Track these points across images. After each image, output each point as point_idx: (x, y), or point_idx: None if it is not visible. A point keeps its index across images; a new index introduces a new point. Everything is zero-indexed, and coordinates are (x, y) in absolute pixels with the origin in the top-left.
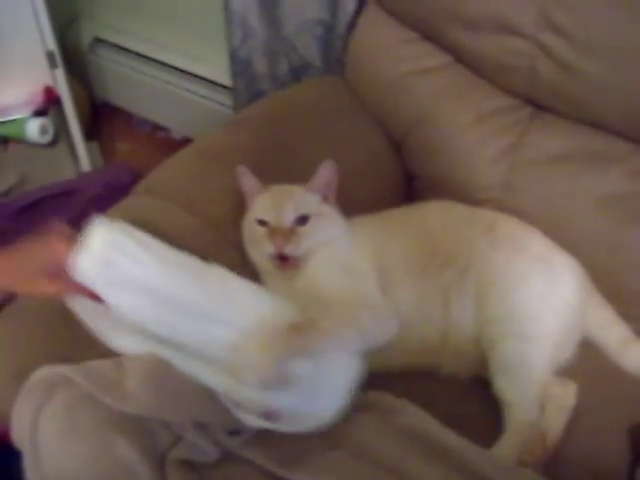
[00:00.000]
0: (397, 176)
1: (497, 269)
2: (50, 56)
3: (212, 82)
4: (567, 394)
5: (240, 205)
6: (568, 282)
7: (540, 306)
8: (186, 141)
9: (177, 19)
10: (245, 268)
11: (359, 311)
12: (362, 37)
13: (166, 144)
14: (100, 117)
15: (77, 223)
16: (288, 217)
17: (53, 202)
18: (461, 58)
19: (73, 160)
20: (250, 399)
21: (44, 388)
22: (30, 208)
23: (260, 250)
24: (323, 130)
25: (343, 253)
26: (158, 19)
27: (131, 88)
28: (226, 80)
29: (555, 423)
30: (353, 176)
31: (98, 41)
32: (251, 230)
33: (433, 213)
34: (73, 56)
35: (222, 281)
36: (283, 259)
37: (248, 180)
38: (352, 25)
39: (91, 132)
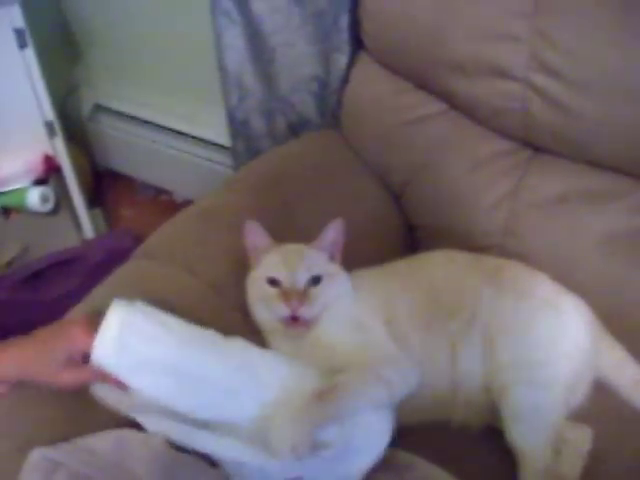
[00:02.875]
0: (398, 228)
1: (504, 316)
2: (49, 126)
3: (212, 143)
4: (582, 438)
5: (241, 266)
6: (577, 325)
7: (550, 351)
8: (188, 203)
9: (176, 83)
10: (246, 329)
11: (381, 365)
12: (356, 90)
13: (169, 207)
14: (102, 184)
15: (81, 291)
16: (302, 277)
17: (56, 271)
18: (455, 105)
19: (76, 228)
20: (275, 468)
21: (48, 465)
22: (32, 278)
23: (269, 311)
24: (322, 185)
25: (351, 309)
26: (157, 84)
27: (132, 153)
28: (226, 141)
29: (571, 469)
30: (355, 231)
31: (98, 108)
32: (260, 290)
33: (436, 263)
34: (73, 123)
35: (242, 354)
36: (295, 319)
37: (258, 235)
38: (345, 79)
39: (94, 199)
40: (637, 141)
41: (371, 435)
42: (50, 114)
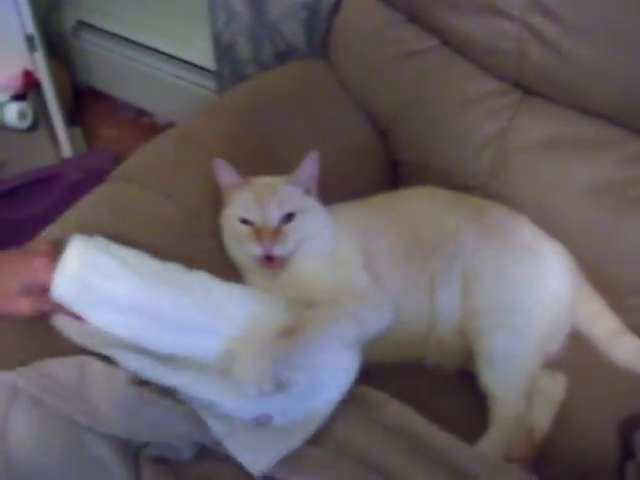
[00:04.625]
0: (382, 162)
1: (484, 258)
2: (29, 39)
3: (197, 66)
4: (556, 388)
5: (219, 193)
6: (557, 272)
7: (529, 297)
8: (170, 126)
9: (162, 1)
10: (222, 258)
11: (352, 303)
12: (346, 19)
13: (150, 129)
14: (83, 102)
15: (57, 210)
16: (274, 216)
17: (32, 189)
18: (448, 41)
19: (54, 146)
20: (242, 405)
21: (8, 391)
22: (8, 195)
23: (244, 249)
24: (305, 116)
25: (328, 245)
26: (143, 2)
27: (115, 72)
28: (211, 64)
29: (543, 418)
30: (336, 163)
31: (81, 24)
32: (233, 228)
33: (418, 199)
34: (56, 40)
35: (206, 288)
36: (269, 259)
37: (227, 173)
38: (336, 7)
39: (74, 117)
40: (632, 90)
41: (338, 371)
42: (31, 28)
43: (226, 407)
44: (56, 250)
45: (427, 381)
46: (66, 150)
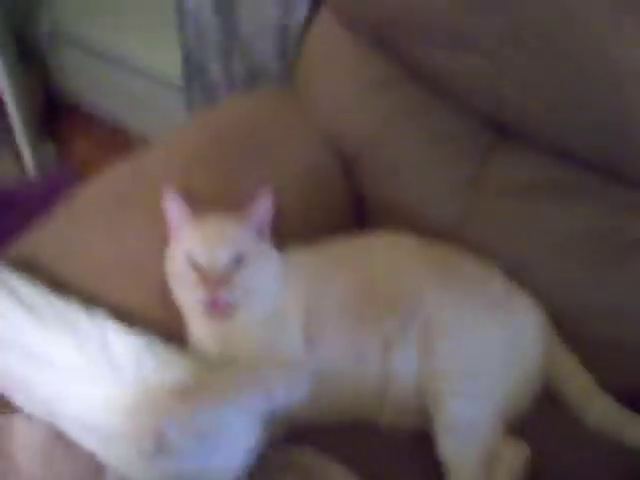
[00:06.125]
0: (347, 199)
1: (448, 316)
2: None
3: (170, 83)
4: (518, 455)
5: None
6: (528, 330)
7: (494, 360)
8: (145, 141)
9: (140, 14)
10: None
11: (268, 370)
12: (313, 44)
13: (125, 144)
14: (58, 115)
15: (6, 234)
16: (222, 259)
17: None
18: (418, 74)
19: (18, 164)
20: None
21: None
22: None
23: (187, 292)
24: (266, 151)
25: (275, 297)
26: (121, 13)
27: (91, 85)
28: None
29: None
30: (297, 198)
31: (59, 34)
32: (177, 267)
33: (378, 246)
34: (32, 49)
35: (103, 335)
36: (214, 304)
37: (177, 207)
38: (306, 29)
39: (47, 130)
40: (607, 135)
41: (234, 437)
42: None
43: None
44: None
45: (380, 444)
46: (32, 167)
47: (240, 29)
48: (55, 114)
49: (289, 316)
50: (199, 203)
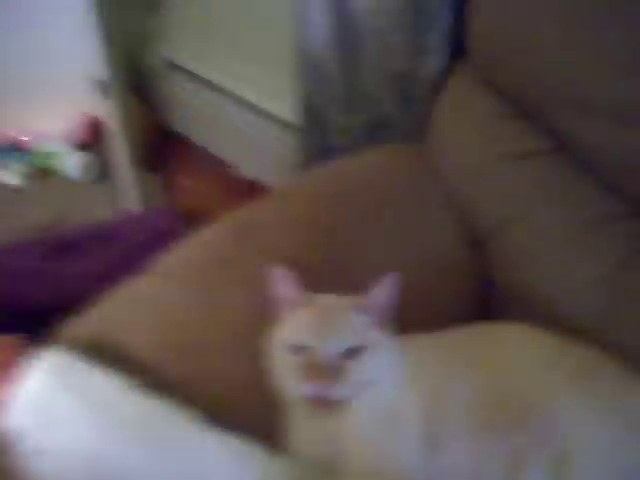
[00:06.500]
0: (473, 282)
1: (586, 433)
2: (101, 85)
3: (285, 123)
4: None
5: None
6: None
7: None
8: (252, 182)
9: (257, 51)
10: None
11: None
12: (448, 103)
13: (235, 183)
14: (168, 148)
15: (113, 271)
16: (334, 348)
17: (89, 244)
18: (567, 146)
19: (119, 198)
20: None
21: None
22: (66, 248)
23: (291, 382)
24: (388, 221)
25: (390, 396)
26: (238, 48)
27: (203, 120)
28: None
29: None
30: (417, 278)
31: (173, 66)
32: (279, 355)
33: (511, 340)
34: (146, 79)
35: (195, 444)
36: (322, 401)
37: (286, 285)
38: (438, 85)
39: (155, 163)
40: None
41: None
42: (103, 72)
43: None
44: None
45: None
46: (133, 203)
47: (363, 78)
48: (165, 148)
49: (407, 417)
50: (309, 274)
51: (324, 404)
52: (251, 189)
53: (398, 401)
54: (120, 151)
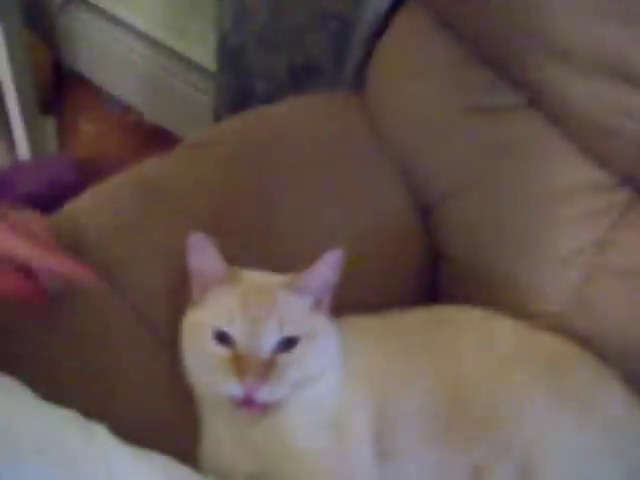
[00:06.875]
0: (419, 256)
1: (559, 437)
2: None
3: (198, 66)
4: None
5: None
6: None
7: None
8: (159, 130)
9: None
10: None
11: None
12: (393, 48)
13: (138, 130)
14: (64, 88)
15: None
16: (268, 339)
17: None
18: (540, 101)
19: (9, 145)
20: None
21: None
22: None
23: (213, 380)
24: (323, 178)
25: (332, 394)
26: None
27: (104, 59)
28: (213, 66)
29: None
30: (362, 256)
31: None
32: (201, 345)
33: (471, 331)
34: (42, 14)
35: (106, 459)
36: (250, 401)
37: (206, 258)
38: (380, 27)
39: (50, 105)
40: None
41: None
42: None
43: None
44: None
45: None
46: (22, 150)
47: (289, 16)
48: (64, 90)
49: (351, 424)
50: (232, 245)
51: (251, 407)
52: (158, 138)
53: (343, 401)
54: (9, 91)
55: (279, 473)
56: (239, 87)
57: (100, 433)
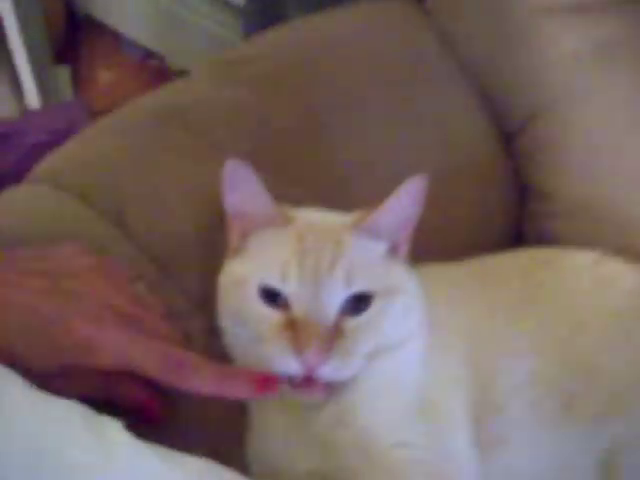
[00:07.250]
0: (506, 189)
1: None
2: None
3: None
4: None
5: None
6: None
7: None
8: (181, 75)
9: None
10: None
11: None
12: None
13: (159, 76)
14: (81, 36)
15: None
16: (333, 300)
17: None
18: None
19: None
20: None
21: None
22: None
23: (261, 353)
24: (390, 98)
25: (416, 368)
26: None
27: (120, 1)
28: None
29: None
30: (434, 187)
31: None
32: (244, 307)
33: (584, 279)
34: None
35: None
36: (309, 380)
37: (248, 191)
38: None
39: (65, 52)
40: None
41: None
42: None
43: None
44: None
45: None
46: (40, 98)
47: None
48: (77, 36)
49: (446, 398)
50: (275, 170)
51: (313, 388)
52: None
53: (431, 377)
54: (17, 39)
55: (351, 472)
56: (269, 20)
57: (111, 431)
